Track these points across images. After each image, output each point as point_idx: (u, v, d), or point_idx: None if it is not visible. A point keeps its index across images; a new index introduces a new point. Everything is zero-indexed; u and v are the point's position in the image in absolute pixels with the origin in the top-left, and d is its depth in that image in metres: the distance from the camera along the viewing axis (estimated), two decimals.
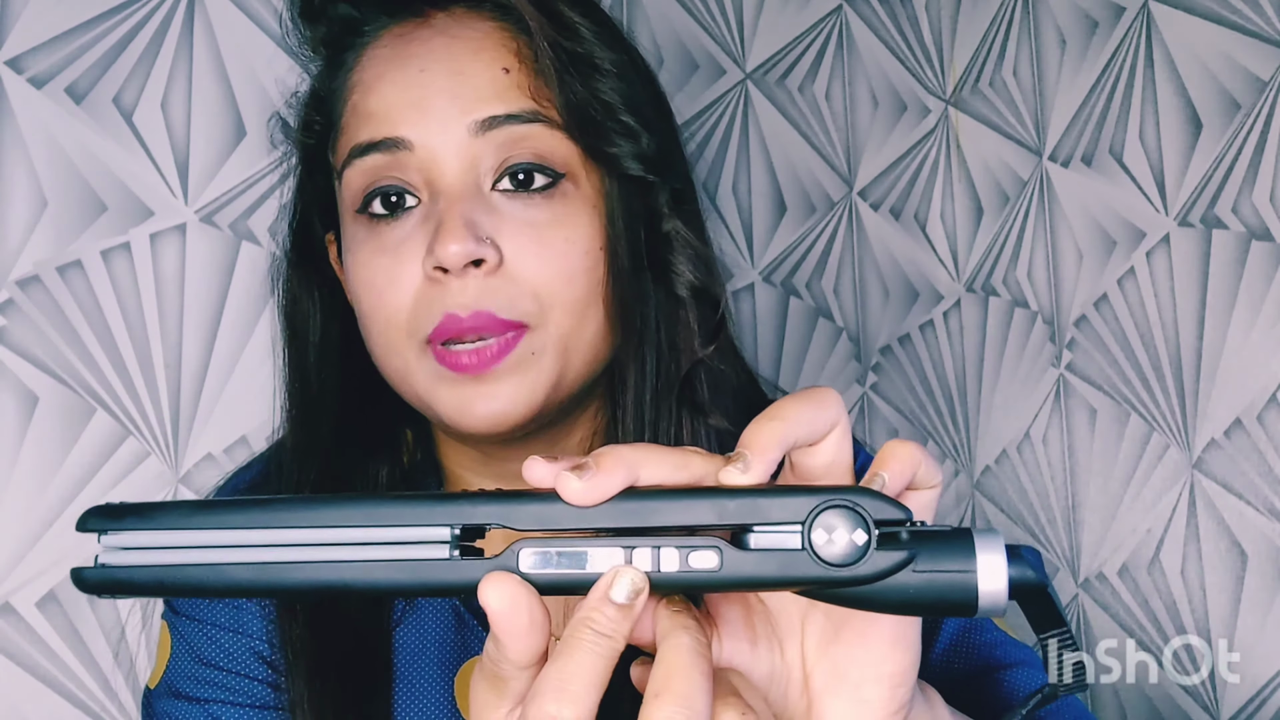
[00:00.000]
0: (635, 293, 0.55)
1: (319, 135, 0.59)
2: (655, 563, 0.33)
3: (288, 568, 0.33)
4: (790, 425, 0.35)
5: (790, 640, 0.39)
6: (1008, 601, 0.34)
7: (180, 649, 0.58)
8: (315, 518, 0.33)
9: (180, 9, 0.90)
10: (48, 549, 0.83)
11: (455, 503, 0.33)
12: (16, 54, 0.84)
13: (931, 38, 1.26)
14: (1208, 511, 0.89)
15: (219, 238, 0.90)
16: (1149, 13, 0.95)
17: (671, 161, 0.58)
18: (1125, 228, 0.98)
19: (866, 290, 1.23)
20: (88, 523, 0.34)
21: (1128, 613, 0.96)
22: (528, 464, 0.33)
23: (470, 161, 0.53)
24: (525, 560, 0.33)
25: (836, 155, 1.22)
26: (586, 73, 0.54)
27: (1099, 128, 1.01)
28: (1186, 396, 0.91)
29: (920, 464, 0.36)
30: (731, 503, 0.33)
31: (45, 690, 0.82)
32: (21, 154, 0.84)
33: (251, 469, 0.66)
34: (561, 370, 0.54)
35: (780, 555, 0.33)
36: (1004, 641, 0.60)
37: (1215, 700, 0.87)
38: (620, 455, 0.33)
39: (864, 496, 0.33)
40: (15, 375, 0.83)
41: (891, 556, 0.33)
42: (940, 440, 1.24)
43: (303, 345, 0.62)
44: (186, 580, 0.34)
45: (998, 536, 0.34)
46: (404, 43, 0.56)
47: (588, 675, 0.32)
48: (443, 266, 0.51)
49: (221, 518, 0.34)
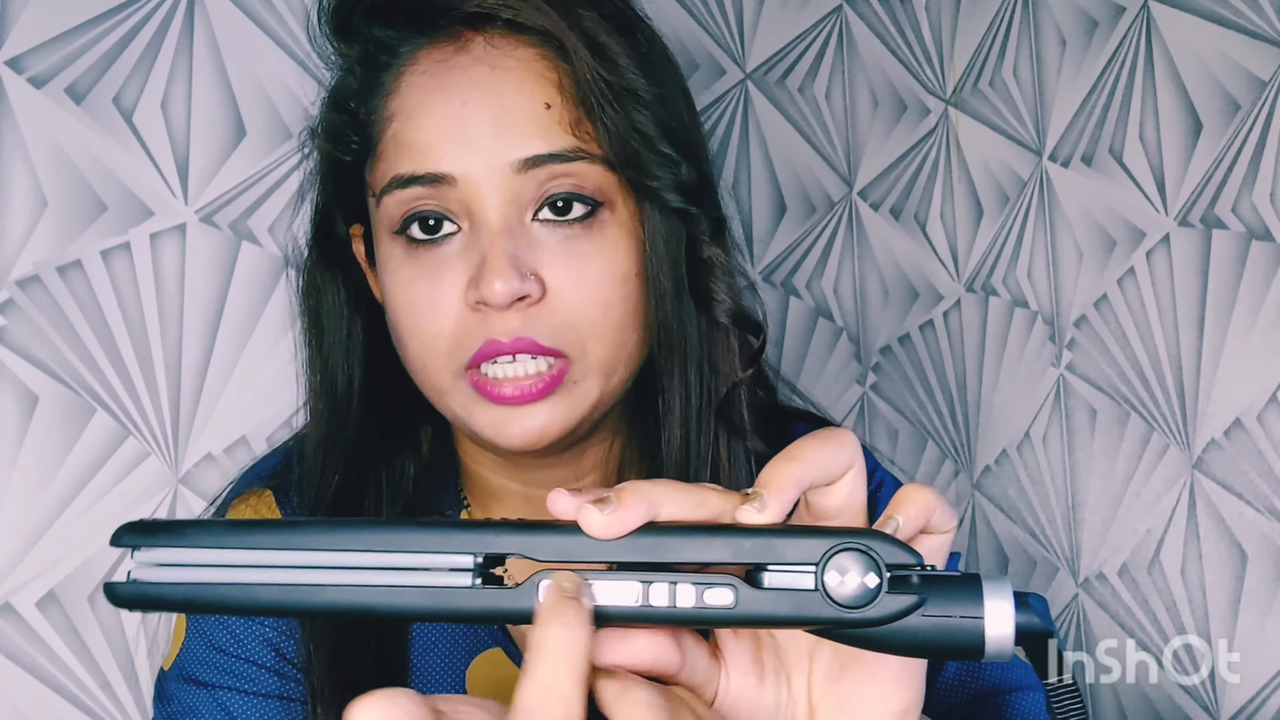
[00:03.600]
0: (677, 317, 0.56)
1: (356, 154, 0.59)
2: (671, 598, 0.34)
3: (314, 590, 0.34)
4: (807, 467, 0.36)
5: (798, 674, 0.40)
6: (1014, 648, 0.34)
7: (194, 634, 0.59)
8: (342, 541, 0.34)
9: (180, 9, 0.90)
10: (48, 549, 0.83)
11: (479, 531, 0.34)
12: (16, 54, 0.84)
13: (931, 38, 1.26)
14: (1208, 511, 0.89)
15: (219, 238, 0.90)
16: (1149, 13, 0.95)
17: (709, 188, 0.59)
18: (1125, 228, 0.98)
19: (866, 290, 1.23)
20: (121, 538, 0.35)
21: (1128, 613, 0.96)
22: (552, 496, 0.34)
23: (512, 196, 0.54)
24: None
25: (836, 155, 1.22)
26: (626, 104, 0.54)
27: (1099, 128, 1.01)
28: (1186, 396, 0.91)
29: (935, 510, 0.37)
30: (747, 542, 0.34)
31: (45, 690, 0.82)
32: (21, 154, 0.84)
33: (273, 458, 0.67)
34: (601, 392, 0.55)
35: (794, 595, 0.34)
36: (1013, 664, 0.61)
37: (1215, 700, 0.87)
38: (641, 491, 0.34)
39: (877, 540, 0.34)
40: (15, 375, 0.83)
41: (902, 600, 0.34)
42: (940, 440, 1.24)
43: (325, 339, 0.62)
44: (215, 598, 0.35)
45: (1006, 584, 0.35)
46: (444, 70, 0.55)
47: (567, 680, 0.32)
48: (486, 302, 0.52)
49: (251, 538, 0.35)
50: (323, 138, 0.61)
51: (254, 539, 0.35)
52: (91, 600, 0.84)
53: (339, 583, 0.34)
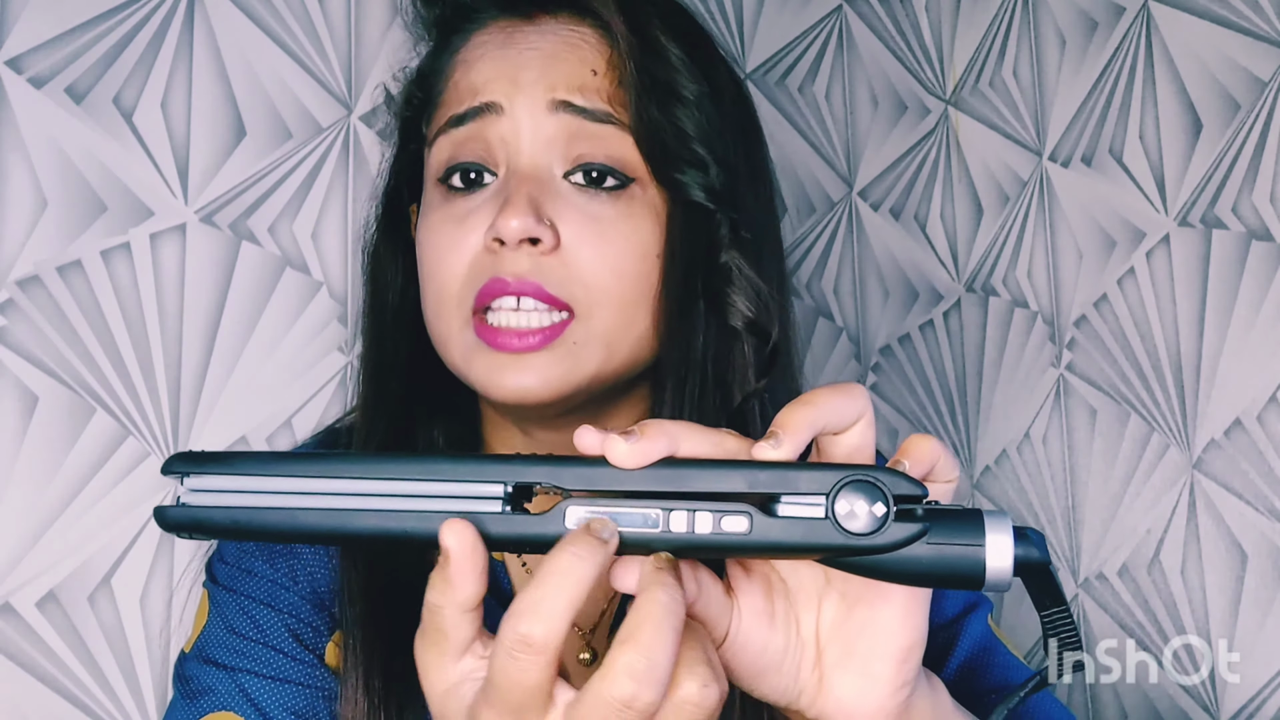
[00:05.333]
0: (686, 316, 0.57)
1: (416, 109, 0.63)
2: (690, 524, 0.36)
3: (353, 515, 0.36)
4: (821, 411, 0.38)
5: (806, 617, 0.42)
6: (1012, 578, 0.36)
7: (215, 618, 0.60)
8: (381, 470, 0.36)
9: (180, 9, 0.90)
10: (48, 549, 0.83)
11: (509, 463, 0.36)
12: (16, 54, 0.84)
13: (931, 38, 1.26)
14: (1208, 511, 0.89)
15: (219, 238, 0.90)
16: (1149, 13, 0.95)
17: (739, 197, 0.60)
18: (1125, 228, 0.98)
19: (866, 290, 1.23)
20: (173, 466, 0.37)
21: (1128, 613, 0.96)
22: (579, 432, 0.36)
23: (545, 138, 0.57)
24: (570, 518, 0.36)
25: (836, 155, 1.22)
26: (665, 99, 0.57)
27: (1099, 128, 1.01)
28: (1186, 396, 0.91)
29: (939, 458, 0.40)
30: (763, 474, 0.36)
31: (45, 690, 0.82)
32: (21, 154, 0.84)
33: (315, 437, 0.70)
34: (601, 364, 0.56)
35: (805, 523, 0.36)
36: (1015, 665, 0.62)
37: (1215, 700, 0.87)
38: (663, 426, 0.37)
39: (885, 473, 0.36)
40: (15, 375, 0.83)
41: (907, 528, 0.36)
42: (940, 440, 1.24)
43: (383, 307, 0.65)
44: (260, 523, 0.36)
45: (1006, 517, 0.37)
46: (509, 34, 0.60)
47: (559, 598, 0.34)
48: (500, 238, 0.54)
49: (295, 467, 0.37)
50: (399, 102, 0.66)
51: (298, 469, 0.37)
52: (91, 600, 0.84)
53: (377, 508, 0.36)
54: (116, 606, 0.85)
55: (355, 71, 0.97)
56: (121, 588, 0.85)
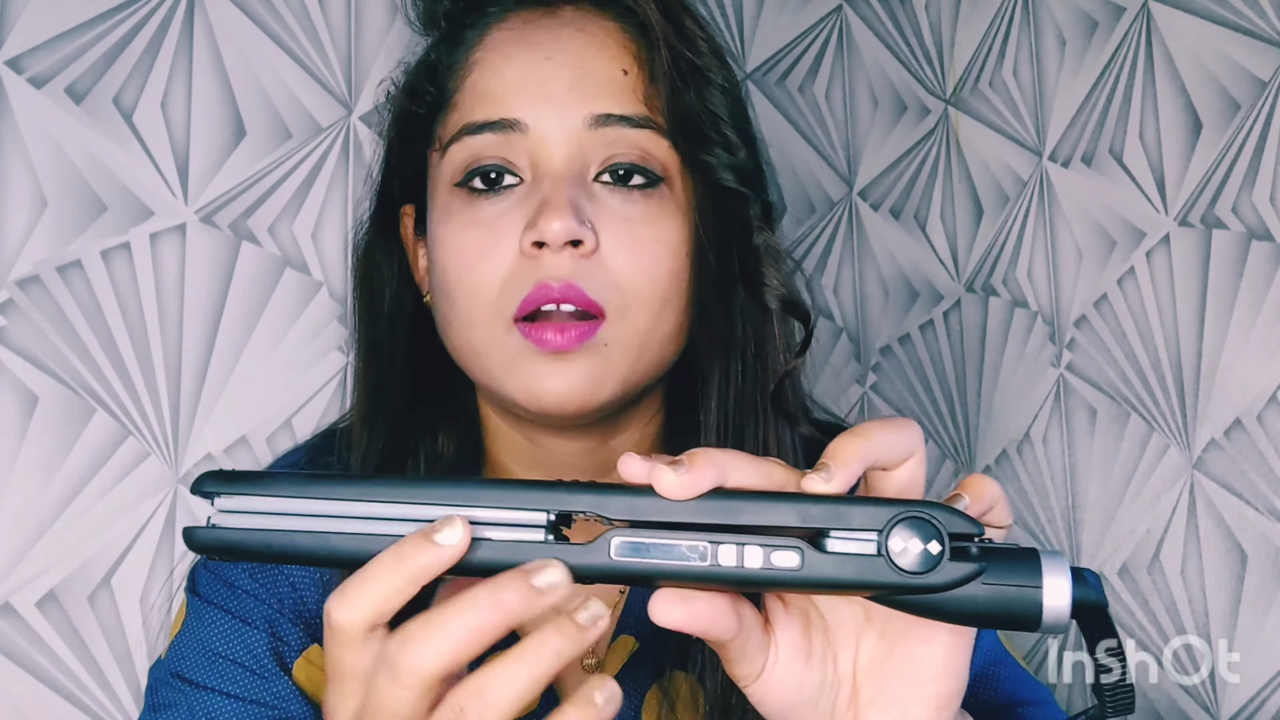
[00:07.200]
0: (722, 301, 0.57)
1: (429, 106, 0.60)
2: (739, 559, 0.35)
3: (389, 541, 0.35)
4: (873, 445, 0.37)
5: (844, 653, 0.41)
6: (1069, 620, 0.35)
7: (190, 629, 0.59)
8: (419, 495, 0.35)
9: (180, 9, 0.90)
10: (48, 549, 0.83)
11: (552, 490, 0.35)
12: (16, 54, 0.84)
13: (931, 38, 1.26)
14: (1208, 511, 0.89)
15: (219, 238, 0.90)
16: (1149, 13, 0.95)
17: (763, 178, 0.60)
18: (1125, 228, 0.98)
19: (866, 290, 1.23)
20: (203, 485, 0.36)
21: (1127, 613, 0.96)
22: (624, 460, 0.35)
23: (579, 151, 0.55)
24: (615, 549, 0.35)
25: (836, 155, 1.22)
26: (700, 83, 0.56)
27: (1099, 128, 1.01)
28: (1186, 396, 0.91)
29: (998, 501, 0.38)
30: (814, 507, 0.35)
31: (45, 690, 0.82)
32: (21, 154, 0.84)
33: (297, 453, 0.67)
34: (632, 366, 0.55)
35: (858, 560, 0.35)
36: (1026, 680, 0.61)
37: (1215, 700, 0.87)
38: (711, 456, 0.35)
39: (940, 510, 0.35)
40: (15, 375, 0.83)
41: (962, 568, 0.34)
42: (940, 440, 1.24)
43: (378, 312, 0.63)
44: (292, 547, 0.35)
45: (1063, 558, 0.35)
46: (531, 28, 0.57)
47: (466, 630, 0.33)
48: (542, 241, 0.53)
49: (330, 490, 0.35)
50: (401, 95, 0.62)
51: (332, 491, 0.35)
52: (91, 600, 0.84)
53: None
54: (116, 606, 0.85)
55: (355, 71, 0.97)
56: (121, 588, 0.85)
